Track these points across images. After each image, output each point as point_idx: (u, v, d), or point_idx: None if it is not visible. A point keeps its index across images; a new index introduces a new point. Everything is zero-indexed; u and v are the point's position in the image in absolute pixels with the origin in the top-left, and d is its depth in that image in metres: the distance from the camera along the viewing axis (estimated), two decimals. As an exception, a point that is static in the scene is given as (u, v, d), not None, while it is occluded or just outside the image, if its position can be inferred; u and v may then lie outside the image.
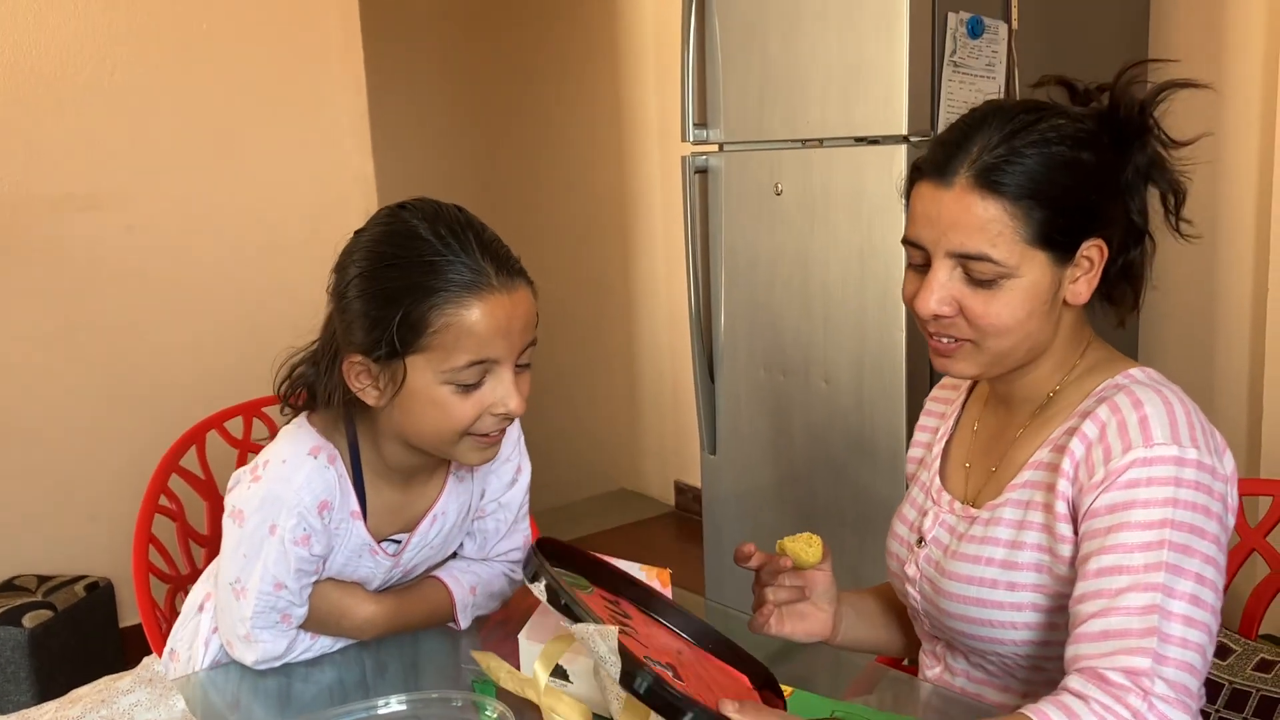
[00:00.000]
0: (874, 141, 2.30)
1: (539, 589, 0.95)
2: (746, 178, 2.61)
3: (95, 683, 1.21)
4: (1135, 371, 1.14)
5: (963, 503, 1.21)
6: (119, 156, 2.85)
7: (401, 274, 1.15)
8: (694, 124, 2.68)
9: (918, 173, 1.13)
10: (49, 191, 2.77)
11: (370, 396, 1.21)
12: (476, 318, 1.15)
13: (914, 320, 1.17)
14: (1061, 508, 1.09)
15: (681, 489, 4.18)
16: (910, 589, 1.25)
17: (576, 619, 0.92)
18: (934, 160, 1.11)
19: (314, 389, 1.26)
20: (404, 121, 3.81)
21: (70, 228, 2.80)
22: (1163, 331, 2.66)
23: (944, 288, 1.10)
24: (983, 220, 1.06)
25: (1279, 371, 2.35)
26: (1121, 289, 1.17)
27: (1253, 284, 2.48)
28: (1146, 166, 1.12)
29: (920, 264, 1.13)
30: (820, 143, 2.43)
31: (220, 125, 2.98)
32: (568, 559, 1.10)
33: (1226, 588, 1.06)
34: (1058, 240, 1.08)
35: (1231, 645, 1.42)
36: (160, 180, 2.91)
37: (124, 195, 2.87)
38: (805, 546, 1.25)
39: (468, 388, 1.18)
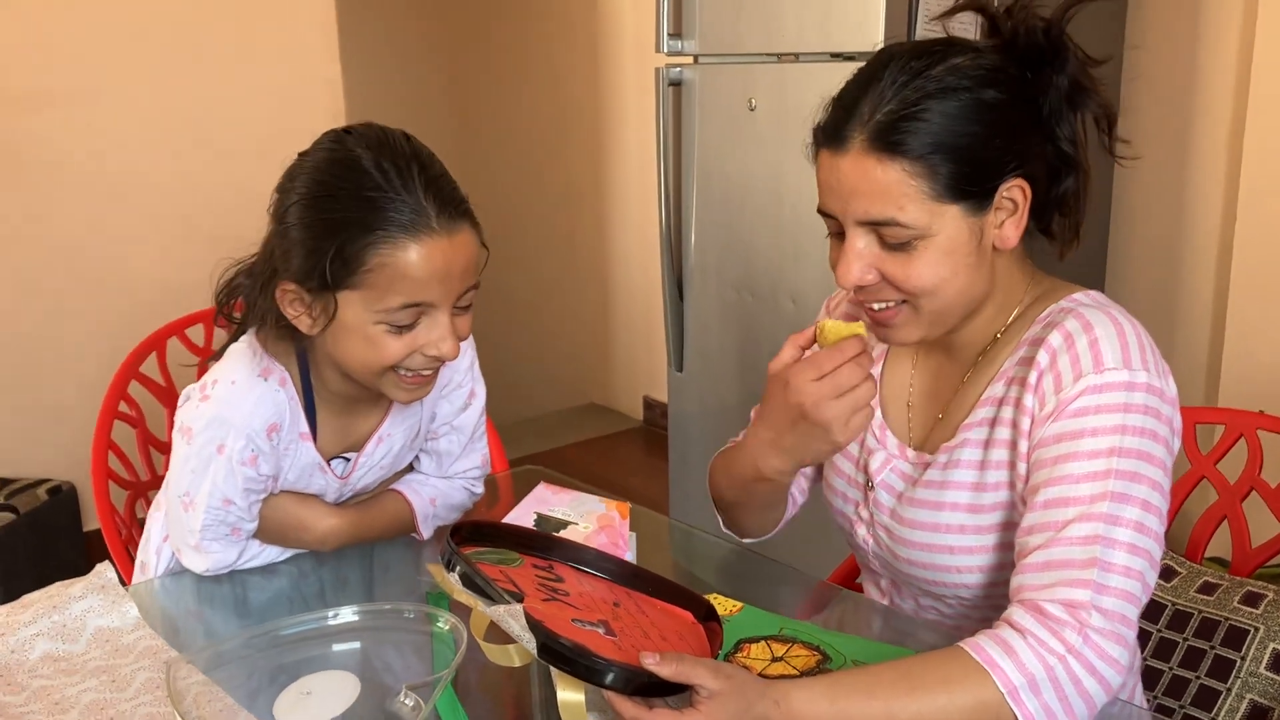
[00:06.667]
0: (849, 57, 2.26)
1: (454, 577, 0.94)
2: (720, 92, 2.56)
3: (47, 588, 1.21)
4: (1079, 295, 1.11)
5: (914, 449, 1.18)
6: (81, 55, 2.78)
7: (340, 206, 1.11)
8: (669, 34, 2.63)
9: (817, 139, 1.07)
10: (6, 87, 2.70)
11: (303, 324, 1.18)
12: (413, 260, 1.11)
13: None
14: (1024, 446, 1.06)
15: (650, 404, 4.19)
16: (860, 529, 1.23)
17: (493, 601, 0.91)
18: (827, 125, 1.05)
19: (250, 305, 1.24)
20: (373, 28, 3.72)
21: (29, 126, 2.74)
22: (1129, 259, 2.66)
23: (861, 257, 1.05)
24: (884, 184, 1.01)
25: (1242, 301, 2.36)
26: (1058, 223, 1.12)
27: (1221, 213, 2.48)
28: (1069, 91, 1.06)
29: (838, 232, 1.08)
30: (795, 57, 2.38)
31: (185, 24, 2.90)
32: (493, 536, 1.09)
33: (1176, 511, 1.06)
34: (970, 190, 1.02)
35: (1176, 568, 1.44)
36: (123, 80, 2.84)
37: (85, 94, 2.80)
38: (844, 327, 1.12)
39: (401, 328, 1.15)
